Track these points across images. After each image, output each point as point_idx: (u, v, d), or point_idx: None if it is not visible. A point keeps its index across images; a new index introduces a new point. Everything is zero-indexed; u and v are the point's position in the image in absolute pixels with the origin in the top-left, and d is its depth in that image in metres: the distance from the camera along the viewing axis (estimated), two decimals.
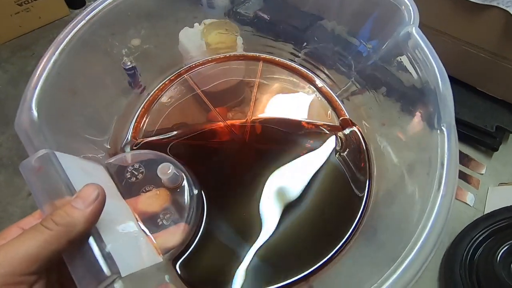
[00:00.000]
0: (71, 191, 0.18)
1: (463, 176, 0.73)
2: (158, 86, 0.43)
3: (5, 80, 0.91)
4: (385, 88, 0.35)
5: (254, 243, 0.29)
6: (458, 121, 0.77)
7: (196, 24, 0.51)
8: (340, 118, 0.40)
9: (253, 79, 0.45)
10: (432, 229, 0.19)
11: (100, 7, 0.31)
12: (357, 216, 0.31)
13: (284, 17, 0.52)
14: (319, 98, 0.43)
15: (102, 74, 0.38)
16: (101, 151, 0.33)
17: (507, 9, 0.64)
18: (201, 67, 0.47)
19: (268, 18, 0.61)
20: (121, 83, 0.42)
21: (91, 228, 0.17)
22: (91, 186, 0.18)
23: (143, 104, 0.41)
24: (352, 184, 0.33)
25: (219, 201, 0.31)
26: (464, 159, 0.76)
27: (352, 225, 0.30)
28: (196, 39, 0.50)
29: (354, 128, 0.38)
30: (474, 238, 0.55)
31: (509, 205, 0.59)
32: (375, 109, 0.37)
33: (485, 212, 0.66)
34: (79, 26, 0.29)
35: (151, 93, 0.42)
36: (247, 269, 0.28)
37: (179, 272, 0.27)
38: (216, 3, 0.53)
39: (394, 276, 0.18)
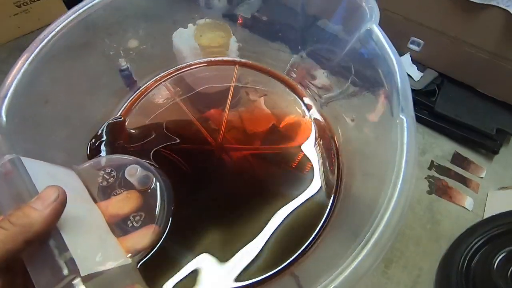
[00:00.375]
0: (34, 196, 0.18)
1: (462, 179, 0.72)
2: (137, 92, 0.43)
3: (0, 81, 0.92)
4: (353, 85, 0.36)
5: (226, 241, 0.29)
6: (458, 123, 0.76)
7: (190, 25, 0.50)
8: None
9: (244, 83, 0.45)
10: (391, 216, 0.20)
11: (83, 9, 0.30)
12: (329, 203, 0.32)
13: (282, 18, 0.52)
14: (299, 106, 0.43)
15: (86, 78, 0.38)
16: (77, 157, 0.33)
17: (507, 8, 0.63)
18: (182, 71, 0.47)
19: (266, 19, 0.60)
20: (113, 86, 0.42)
21: (50, 228, 0.18)
22: (51, 188, 0.18)
23: (123, 108, 0.40)
24: (324, 173, 0.35)
25: (190, 201, 0.31)
26: (463, 162, 0.74)
27: (325, 213, 0.31)
28: (189, 40, 0.49)
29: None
30: (471, 244, 0.53)
31: (508, 210, 0.57)
32: (346, 106, 0.38)
33: (485, 217, 0.64)
34: (58, 28, 0.29)
35: (132, 97, 0.42)
36: (221, 267, 0.28)
37: (143, 273, 0.26)
38: (214, 4, 0.53)
39: (352, 265, 0.19)
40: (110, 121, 0.37)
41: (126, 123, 0.39)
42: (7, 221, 0.16)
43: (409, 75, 0.81)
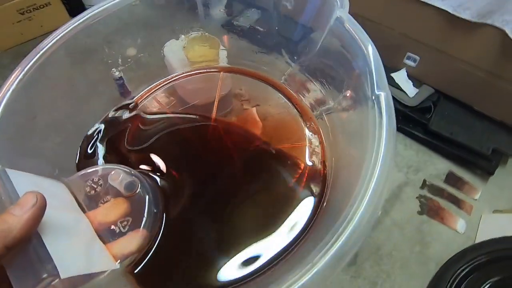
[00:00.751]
0: None
1: (455, 200, 0.69)
2: (132, 101, 0.43)
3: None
4: (329, 77, 0.36)
5: (216, 242, 0.30)
6: (453, 142, 0.74)
7: (182, 36, 0.50)
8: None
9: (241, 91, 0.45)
10: (362, 215, 0.20)
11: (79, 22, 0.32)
12: (311, 213, 0.32)
13: (279, 30, 0.52)
14: (294, 116, 0.42)
15: (83, 84, 0.38)
16: (69, 165, 0.33)
17: (503, 27, 0.61)
18: (171, 81, 0.47)
19: (263, 30, 0.60)
20: (110, 94, 0.42)
21: (29, 233, 0.18)
22: (30, 194, 0.18)
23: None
24: (311, 184, 0.35)
25: (180, 205, 0.32)
26: (457, 182, 0.72)
27: (306, 221, 0.32)
28: (178, 52, 0.50)
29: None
30: (459, 271, 0.51)
31: (501, 235, 0.55)
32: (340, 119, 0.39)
33: (476, 241, 0.62)
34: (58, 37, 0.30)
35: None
36: (212, 267, 0.29)
37: (138, 279, 0.27)
38: (213, 15, 0.53)
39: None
40: (118, 106, 0.37)
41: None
42: None
43: (404, 91, 0.80)
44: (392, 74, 0.81)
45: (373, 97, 0.24)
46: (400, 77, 0.81)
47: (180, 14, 0.49)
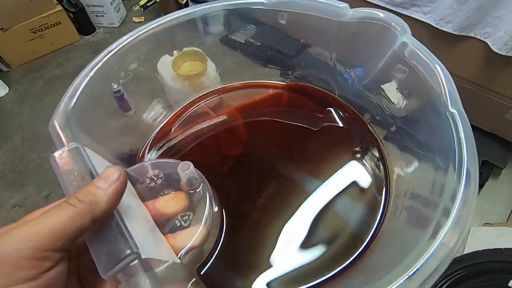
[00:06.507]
0: None
1: None
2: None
3: (13, 99, 1.00)
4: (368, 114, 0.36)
5: (277, 248, 0.30)
6: None
7: (175, 52, 0.53)
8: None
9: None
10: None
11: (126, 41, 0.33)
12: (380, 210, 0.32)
13: (274, 44, 0.54)
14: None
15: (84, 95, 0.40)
16: (121, 162, 0.34)
17: (485, 40, 0.62)
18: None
19: (259, 45, 0.63)
20: (109, 107, 0.44)
21: (113, 208, 0.18)
22: (112, 168, 0.18)
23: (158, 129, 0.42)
24: (373, 185, 0.34)
25: (238, 208, 0.32)
26: None
27: (375, 222, 0.31)
28: (170, 68, 0.52)
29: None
30: (438, 286, 0.50)
31: (482, 249, 0.54)
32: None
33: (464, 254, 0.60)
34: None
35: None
36: (272, 272, 0.28)
37: (204, 279, 0.27)
38: (211, 30, 0.56)
39: None
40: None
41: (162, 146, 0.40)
42: (75, 198, 0.16)
43: (393, 102, 0.80)
44: (382, 86, 0.82)
45: (447, 113, 0.24)
46: (390, 88, 0.82)
47: (181, 29, 0.52)
